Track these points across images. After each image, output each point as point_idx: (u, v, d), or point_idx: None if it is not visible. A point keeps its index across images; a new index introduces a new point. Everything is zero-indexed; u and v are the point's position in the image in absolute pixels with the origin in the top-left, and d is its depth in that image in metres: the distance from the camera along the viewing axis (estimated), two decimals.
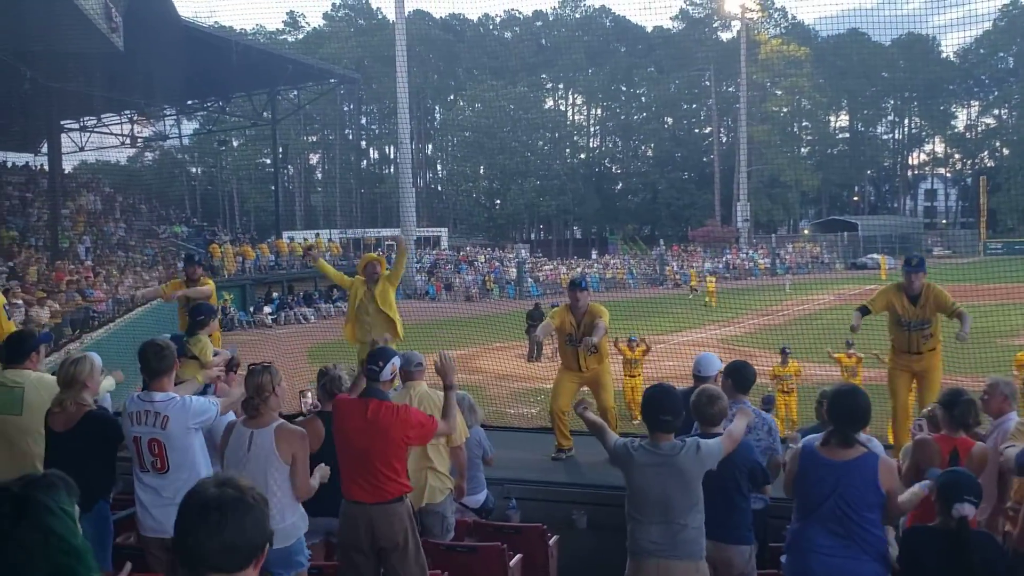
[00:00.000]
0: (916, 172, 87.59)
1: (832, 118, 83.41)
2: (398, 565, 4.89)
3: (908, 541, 4.16)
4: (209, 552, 2.09)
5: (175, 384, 5.18)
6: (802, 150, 79.95)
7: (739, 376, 5.86)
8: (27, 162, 40.66)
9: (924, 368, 8.27)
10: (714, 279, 43.44)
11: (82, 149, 45.08)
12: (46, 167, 35.59)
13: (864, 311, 8.27)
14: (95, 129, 44.06)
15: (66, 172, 39.35)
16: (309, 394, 11.89)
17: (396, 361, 5.19)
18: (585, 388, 9.11)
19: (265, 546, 2.19)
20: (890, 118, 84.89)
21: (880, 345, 10.08)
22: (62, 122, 37.96)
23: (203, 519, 2.10)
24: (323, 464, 4.99)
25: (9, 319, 8.88)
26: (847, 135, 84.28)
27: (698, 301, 38.56)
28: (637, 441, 4.69)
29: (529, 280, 48.03)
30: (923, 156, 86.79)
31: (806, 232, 74.68)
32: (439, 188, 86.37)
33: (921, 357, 8.23)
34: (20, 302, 19.95)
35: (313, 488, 4.88)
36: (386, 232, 62.39)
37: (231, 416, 5.47)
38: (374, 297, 9.28)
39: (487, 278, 48.85)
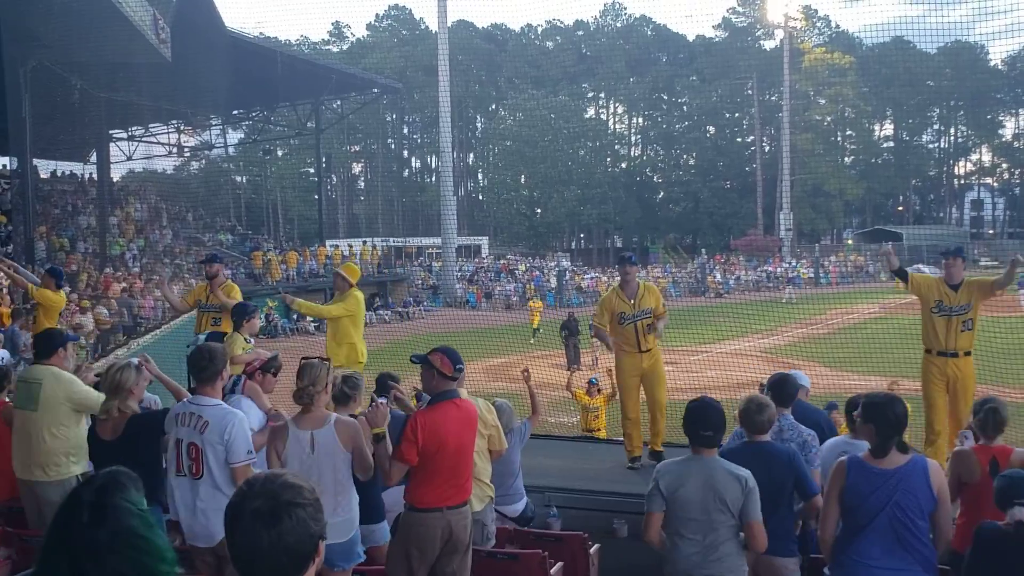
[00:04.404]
0: (963, 182, 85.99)
1: (876, 127, 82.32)
2: (459, 567, 4.94)
3: (980, 541, 4.08)
4: (270, 554, 2.01)
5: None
6: (846, 159, 78.92)
7: (780, 389, 5.80)
8: (71, 171, 41.33)
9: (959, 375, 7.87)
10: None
11: (130, 158, 45.76)
12: (95, 176, 36.24)
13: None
14: (143, 139, 44.75)
15: (114, 181, 40.03)
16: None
17: None
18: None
19: (321, 543, 2.10)
20: (936, 127, 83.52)
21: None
22: (110, 131, 38.63)
23: (259, 521, 2.02)
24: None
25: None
26: (892, 144, 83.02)
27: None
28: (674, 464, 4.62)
29: (571, 289, 47.98)
30: (970, 165, 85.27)
31: (850, 242, 73.60)
32: (480, 197, 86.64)
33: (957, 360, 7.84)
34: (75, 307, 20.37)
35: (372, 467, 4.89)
36: (427, 241, 62.76)
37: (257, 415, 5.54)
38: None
39: (528, 287, 48.85)
